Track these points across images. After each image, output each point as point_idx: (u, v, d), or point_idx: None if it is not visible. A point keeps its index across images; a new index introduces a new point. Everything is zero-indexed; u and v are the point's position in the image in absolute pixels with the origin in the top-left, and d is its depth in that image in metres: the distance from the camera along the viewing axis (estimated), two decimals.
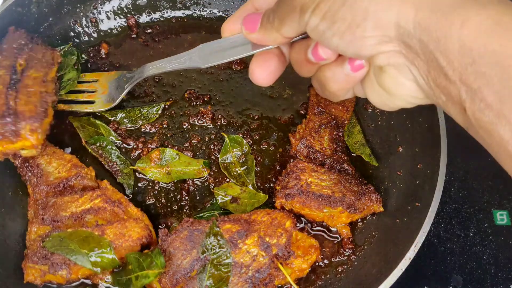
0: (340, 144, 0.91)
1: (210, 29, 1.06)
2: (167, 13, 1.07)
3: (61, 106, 0.92)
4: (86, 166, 0.85)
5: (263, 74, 0.69)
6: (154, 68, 0.83)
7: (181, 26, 1.06)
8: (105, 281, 0.76)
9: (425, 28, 0.49)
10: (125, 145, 0.92)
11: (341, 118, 0.94)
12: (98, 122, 0.92)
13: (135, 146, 0.91)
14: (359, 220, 0.85)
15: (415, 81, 0.54)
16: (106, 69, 1.00)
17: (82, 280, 0.77)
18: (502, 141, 0.47)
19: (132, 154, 0.91)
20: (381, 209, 0.83)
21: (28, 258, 0.75)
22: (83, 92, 0.94)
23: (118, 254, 0.75)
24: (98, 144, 0.90)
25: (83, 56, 1.00)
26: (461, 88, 0.48)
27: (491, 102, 0.46)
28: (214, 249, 0.74)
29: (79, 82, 0.94)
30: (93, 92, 0.94)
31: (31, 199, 0.83)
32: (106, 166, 0.89)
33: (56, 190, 0.82)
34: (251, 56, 0.70)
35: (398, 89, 0.56)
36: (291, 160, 0.89)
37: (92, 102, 0.93)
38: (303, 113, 0.97)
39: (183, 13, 1.07)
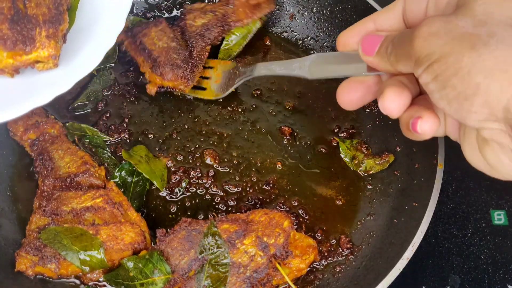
0: None
1: None
2: None
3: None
4: (98, 166, 0.85)
5: (349, 98, 0.69)
6: (265, 69, 0.83)
7: None
8: (98, 283, 0.76)
9: None
10: (111, 139, 0.91)
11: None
12: (83, 125, 0.91)
13: (118, 139, 0.91)
14: (358, 220, 0.86)
15: None
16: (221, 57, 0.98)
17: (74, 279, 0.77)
18: None
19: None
20: None
21: (23, 247, 0.75)
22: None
23: (108, 256, 0.74)
24: (89, 142, 0.89)
25: None
26: None
27: None
28: (212, 249, 0.74)
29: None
30: (206, 78, 0.95)
31: (39, 191, 0.83)
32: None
33: (63, 184, 0.82)
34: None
35: (498, 165, 0.54)
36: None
37: (203, 89, 0.94)
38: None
39: None
